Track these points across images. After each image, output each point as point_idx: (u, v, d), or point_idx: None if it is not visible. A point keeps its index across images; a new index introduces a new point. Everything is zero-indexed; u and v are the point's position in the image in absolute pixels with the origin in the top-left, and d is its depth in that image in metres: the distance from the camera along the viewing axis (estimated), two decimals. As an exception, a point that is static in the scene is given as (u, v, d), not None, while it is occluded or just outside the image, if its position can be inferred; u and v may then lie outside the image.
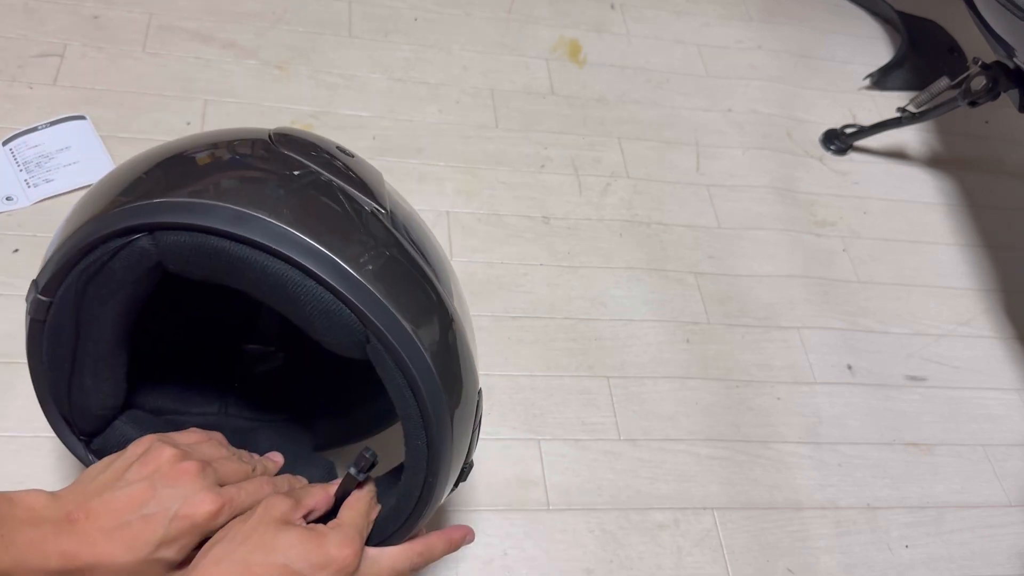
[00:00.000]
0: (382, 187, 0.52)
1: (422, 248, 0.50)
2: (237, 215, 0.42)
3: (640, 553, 0.76)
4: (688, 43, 1.24)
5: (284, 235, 0.42)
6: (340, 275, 0.42)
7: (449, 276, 0.53)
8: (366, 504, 0.48)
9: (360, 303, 0.42)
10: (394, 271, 0.45)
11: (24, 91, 0.91)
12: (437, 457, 0.46)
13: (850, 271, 1.04)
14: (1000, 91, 0.93)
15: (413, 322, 0.44)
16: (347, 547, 0.44)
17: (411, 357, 0.44)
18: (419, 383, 0.44)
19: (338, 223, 0.45)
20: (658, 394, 0.86)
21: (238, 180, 0.45)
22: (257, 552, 0.42)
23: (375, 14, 1.12)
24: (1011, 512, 0.87)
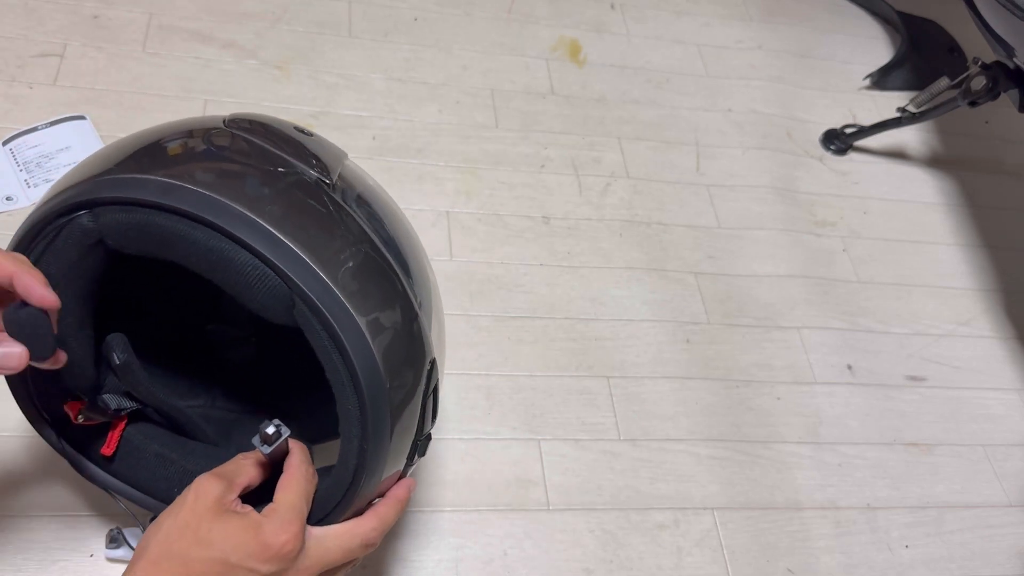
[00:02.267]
0: (336, 162, 0.51)
1: (376, 220, 0.50)
2: (165, 187, 0.43)
3: (640, 553, 0.76)
4: (688, 43, 1.24)
5: (209, 202, 0.42)
6: (263, 237, 0.42)
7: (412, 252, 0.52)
8: (301, 481, 0.45)
9: (282, 264, 0.42)
10: (329, 235, 0.45)
11: (24, 91, 0.91)
12: (372, 422, 0.44)
13: (850, 271, 1.04)
14: (1000, 91, 0.93)
15: (344, 286, 0.43)
16: (284, 532, 0.42)
17: (338, 319, 0.42)
18: (346, 345, 0.43)
19: (270, 189, 0.45)
20: (658, 394, 0.86)
21: (173, 156, 0.46)
22: (194, 548, 0.41)
23: (375, 14, 1.12)
24: (1011, 512, 0.87)
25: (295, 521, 0.43)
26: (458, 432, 0.79)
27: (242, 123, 0.50)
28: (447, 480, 0.76)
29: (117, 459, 0.53)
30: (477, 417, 0.80)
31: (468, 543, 0.73)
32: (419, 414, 0.49)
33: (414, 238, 0.55)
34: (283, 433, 0.45)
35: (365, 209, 0.50)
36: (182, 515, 0.42)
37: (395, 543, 0.72)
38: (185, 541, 0.41)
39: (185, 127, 0.50)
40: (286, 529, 0.42)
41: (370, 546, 0.48)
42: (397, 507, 0.49)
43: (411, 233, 0.55)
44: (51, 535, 0.65)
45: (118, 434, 0.53)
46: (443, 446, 0.78)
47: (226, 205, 0.42)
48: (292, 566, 0.43)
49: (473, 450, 0.78)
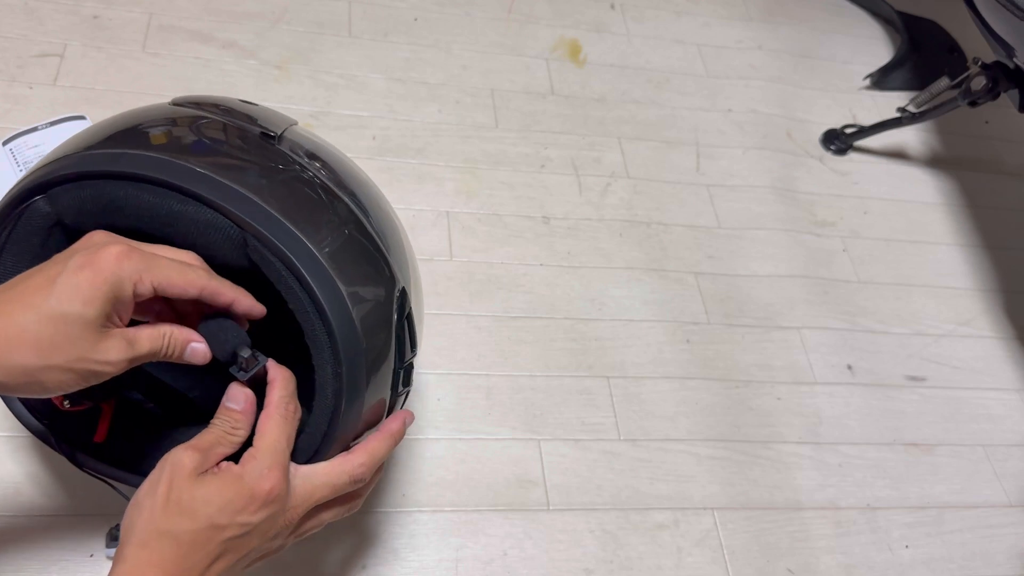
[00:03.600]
0: (282, 123, 0.53)
1: (328, 168, 0.51)
2: (111, 156, 0.44)
3: (640, 553, 0.76)
4: (688, 43, 1.24)
5: (153, 162, 0.44)
6: (208, 184, 0.43)
7: (374, 199, 0.54)
8: (279, 420, 0.44)
9: (230, 204, 0.43)
10: (275, 176, 0.46)
11: (24, 91, 0.91)
12: (342, 346, 0.44)
13: (850, 271, 1.04)
14: (1000, 91, 0.93)
15: (293, 217, 0.44)
16: (267, 479, 0.41)
17: (291, 247, 0.43)
18: (303, 271, 0.43)
19: (213, 144, 0.47)
20: (658, 394, 0.86)
21: (121, 131, 0.48)
22: (181, 521, 0.40)
23: (375, 14, 1.12)
24: (1011, 512, 0.87)
25: (276, 464, 0.42)
26: (458, 432, 0.79)
27: (187, 101, 0.52)
28: (447, 480, 0.76)
29: (110, 446, 0.53)
30: (477, 417, 0.80)
31: (468, 543, 0.73)
32: (394, 340, 0.49)
33: (374, 188, 0.57)
34: (260, 359, 0.44)
35: (315, 159, 0.51)
36: (160, 490, 0.41)
37: (395, 543, 0.72)
38: (169, 516, 0.40)
39: (134, 112, 0.51)
40: (268, 475, 0.41)
41: (359, 481, 0.46)
42: (388, 440, 0.48)
43: (371, 184, 0.57)
44: (51, 535, 0.65)
45: (108, 421, 0.53)
46: (443, 446, 0.78)
47: (169, 162, 0.44)
48: (281, 508, 0.42)
49: (473, 450, 0.78)
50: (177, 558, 0.40)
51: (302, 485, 0.44)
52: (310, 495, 0.44)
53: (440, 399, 0.81)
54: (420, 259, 0.90)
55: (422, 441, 0.78)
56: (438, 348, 0.84)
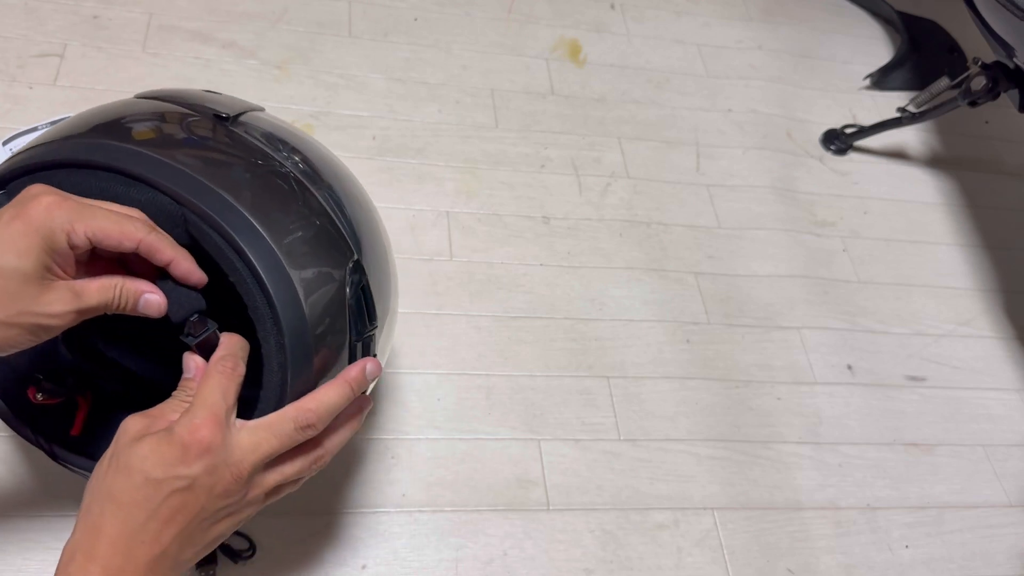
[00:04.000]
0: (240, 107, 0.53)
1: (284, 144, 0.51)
2: (55, 147, 0.45)
3: (640, 553, 0.76)
4: (688, 43, 1.24)
5: (93, 147, 0.44)
6: (147, 162, 0.44)
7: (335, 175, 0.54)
8: (215, 376, 0.43)
9: (167, 181, 0.43)
10: (219, 153, 0.47)
11: (24, 91, 0.91)
12: (285, 316, 0.44)
13: (850, 271, 1.04)
14: (1000, 91, 0.93)
15: (234, 191, 0.44)
16: (199, 429, 0.40)
17: (230, 220, 0.43)
18: (240, 243, 0.43)
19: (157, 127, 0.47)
20: (658, 394, 0.86)
21: (70, 124, 0.48)
22: (119, 480, 0.39)
23: (375, 14, 1.12)
24: (1011, 512, 0.87)
25: (208, 415, 0.41)
26: (458, 432, 0.79)
27: (149, 94, 0.53)
28: (447, 480, 0.76)
29: (87, 440, 0.53)
30: (477, 417, 0.80)
31: (468, 543, 0.73)
32: (348, 312, 0.48)
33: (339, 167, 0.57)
34: (209, 325, 0.44)
35: (272, 138, 0.51)
36: (106, 455, 0.41)
37: (395, 543, 0.72)
38: (109, 478, 0.40)
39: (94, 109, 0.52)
40: (199, 425, 0.40)
41: (307, 427, 0.44)
42: (342, 387, 0.46)
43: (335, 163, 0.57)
44: (51, 535, 0.65)
45: (84, 414, 0.53)
46: (443, 446, 0.78)
47: (108, 145, 0.44)
48: (222, 460, 0.41)
49: (473, 450, 0.78)
50: (118, 520, 0.39)
51: (247, 437, 0.42)
52: (256, 447, 0.42)
53: (440, 399, 0.81)
54: (420, 259, 0.90)
55: (422, 441, 0.78)
56: (438, 348, 0.84)
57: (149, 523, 0.40)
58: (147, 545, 0.40)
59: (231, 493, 0.42)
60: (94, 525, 0.39)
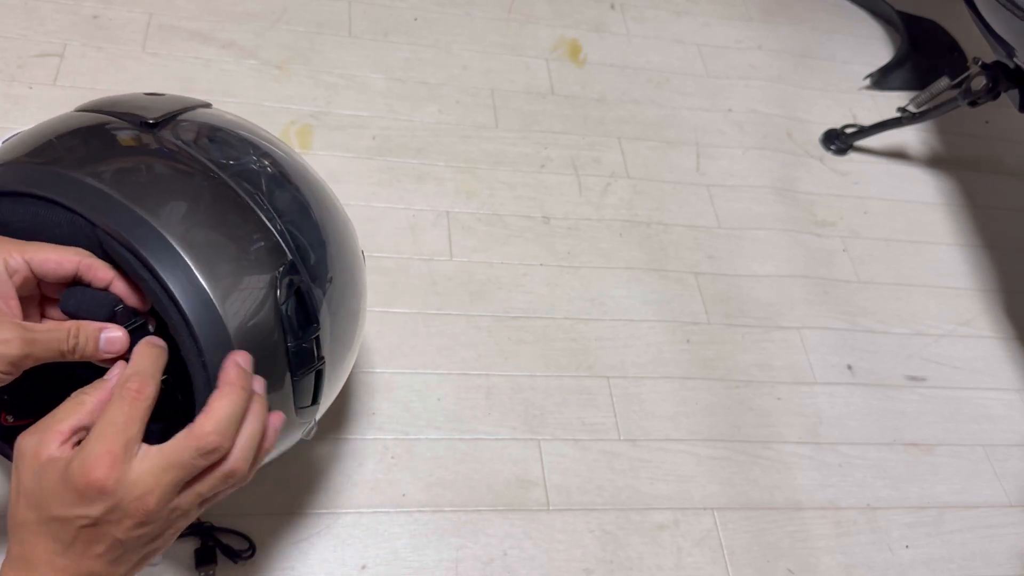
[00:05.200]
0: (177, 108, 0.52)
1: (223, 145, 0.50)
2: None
3: (640, 553, 0.76)
4: (688, 43, 1.24)
5: (10, 172, 0.44)
6: (60, 184, 0.43)
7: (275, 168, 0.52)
8: (116, 401, 0.39)
9: (76, 202, 0.42)
10: (137, 164, 0.46)
11: (24, 91, 0.91)
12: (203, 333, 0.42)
13: (850, 271, 1.04)
14: (1000, 91, 0.93)
15: (149, 205, 0.43)
16: (93, 470, 0.37)
17: (140, 238, 0.42)
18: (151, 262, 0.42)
19: (84, 144, 0.46)
20: (658, 394, 0.86)
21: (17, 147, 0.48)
22: (29, 513, 0.38)
23: (375, 14, 1.12)
24: (1011, 512, 0.87)
25: (103, 452, 0.38)
26: (458, 432, 0.79)
27: (89, 106, 0.52)
28: (447, 480, 0.76)
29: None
30: (477, 417, 0.80)
31: (468, 543, 0.73)
32: (280, 320, 0.46)
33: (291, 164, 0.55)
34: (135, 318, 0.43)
35: (209, 139, 0.50)
36: (12, 483, 0.39)
37: (395, 543, 0.72)
38: (22, 509, 0.38)
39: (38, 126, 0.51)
40: (94, 465, 0.37)
41: (212, 451, 0.40)
42: (229, 393, 0.41)
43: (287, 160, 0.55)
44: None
45: None
46: (443, 446, 0.78)
47: (25, 169, 0.44)
48: (123, 499, 0.38)
49: (473, 450, 0.78)
50: (40, 547, 0.39)
51: (149, 470, 0.39)
52: (158, 480, 0.39)
53: (440, 399, 0.81)
54: (420, 259, 0.90)
55: (422, 441, 0.78)
56: (438, 348, 0.84)
57: (67, 552, 0.39)
58: (74, 569, 0.39)
59: (145, 523, 0.40)
60: (20, 555, 0.39)
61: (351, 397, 0.79)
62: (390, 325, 0.84)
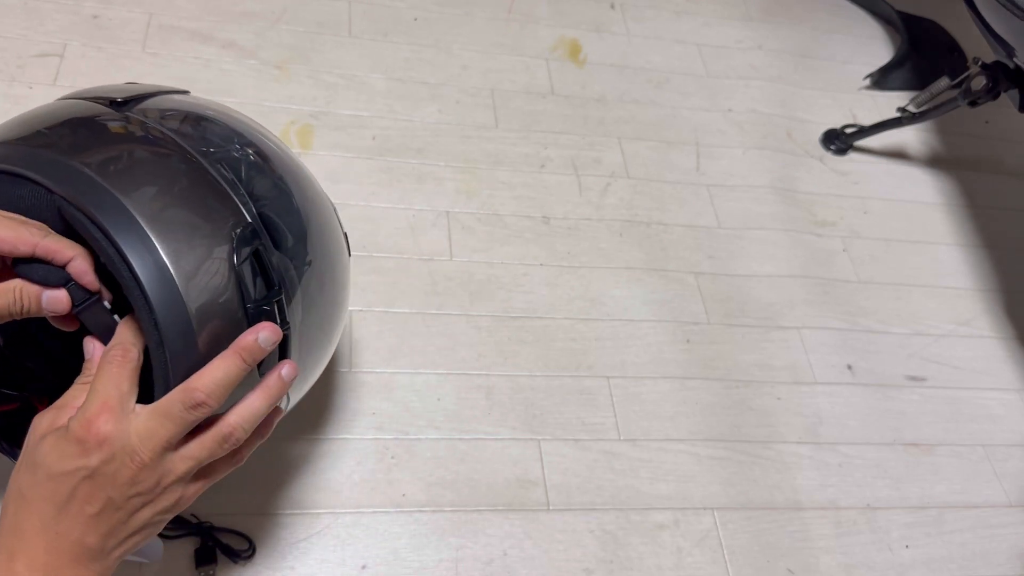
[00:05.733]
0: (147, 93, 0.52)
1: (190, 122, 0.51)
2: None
3: (640, 553, 0.76)
4: (688, 43, 1.24)
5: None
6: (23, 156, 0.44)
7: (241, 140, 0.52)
8: (106, 367, 0.42)
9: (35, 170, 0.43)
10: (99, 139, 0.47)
11: (24, 91, 0.91)
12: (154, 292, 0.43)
13: (850, 271, 1.04)
14: (1000, 91, 0.93)
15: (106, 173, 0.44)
16: (93, 421, 0.40)
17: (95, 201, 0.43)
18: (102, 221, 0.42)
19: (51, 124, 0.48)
20: (658, 394, 0.86)
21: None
22: (26, 478, 0.40)
23: (375, 14, 1.12)
24: (1011, 512, 0.87)
25: (101, 406, 0.40)
26: (458, 432, 0.79)
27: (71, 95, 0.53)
28: (447, 480, 0.76)
29: None
30: (477, 417, 0.80)
31: (468, 543, 0.73)
32: (234, 281, 0.46)
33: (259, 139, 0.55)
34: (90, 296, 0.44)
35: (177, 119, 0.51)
36: (20, 457, 0.42)
37: (395, 543, 0.72)
38: (20, 476, 0.41)
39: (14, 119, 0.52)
40: (92, 418, 0.40)
41: (198, 406, 0.42)
42: (231, 359, 0.43)
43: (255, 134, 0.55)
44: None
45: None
46: (443, 446, 0.78)
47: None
48: (120, 449, 0.40)
49: (473, 450, 0.78)
50: (31, 516, 0.40)
51: (143, 424, 0.41)
52: (152, 433, 0.41)
53: (440, 399, 0.81)
54: (420, 259, 0.90)
55: (422, 441, 0.78)
56: (438, 348, 0.84)
57: (61, 516, 0.40)
58: (65, 538, 0.40)
59: (138, 481, 0.41)
60: (12, 525, 0.40)
61: (351, 397, 0.79)
62: (390, 325, 0.84)
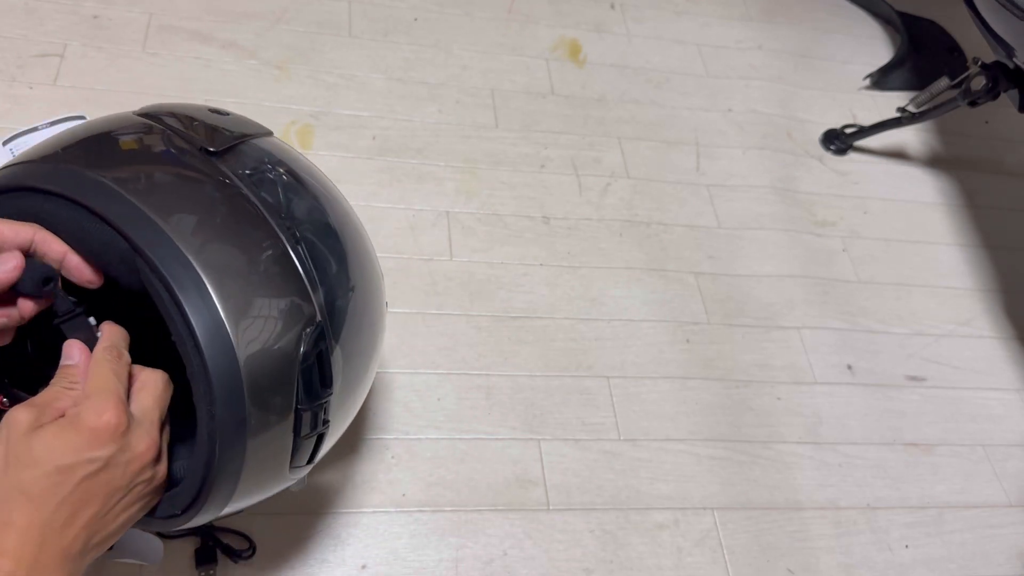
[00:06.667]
0: (241, 135, 0.50)
1: (279, 186, 0.49)
2: (41, 171, 0.44)
3: (640, 553, 0.76)
4: (688, 43, 1.24)
5: (72, 178, 0.43)
6: (114, 202, 0.42)
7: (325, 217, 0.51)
8: (102, 363, 0.43)
9: (126, 224, 0.42)
10: (192, 196, 0.45)
11: (24, 91, 0.91)
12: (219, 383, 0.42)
13: (850, 271, 1.04)
14: (1000, 91, 0.93)
15: (195, 244, 0.42)
16: (104, 412, 0.40)
17: (178, 277, 0.41)
18: (182, 299, 0.41)
19: (139, 159, 0.46)
20: (658, 394, 0.86)
21: (72, 143, 0.47)
22: (25, 472, 0.39)
23: (375, 14, 1.12)
24: (1011, 512, 0.87)
25: (111, 398, 0.41)
26: (458, 432, 0.79)
27: (151, 111, 0.51)
28: (447, 480, 0.76)
29: None
30: (477, 417, 0.80)
31: (468, 543, 0.73)
32: (298, 380, 0.46)
33: (339, 211, 0.54)
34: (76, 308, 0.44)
35: (264, 176, 0.49)
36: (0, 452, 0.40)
37: (395, 543, 0.72)
38: (12, 472, 0.39)
39: (92, 123, 0.50)
40: (104, 408, 0.40)
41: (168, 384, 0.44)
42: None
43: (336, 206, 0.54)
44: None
45: None
46: (443, 446, 0.78)
47: (84, 179, 0.43)
48: (127, 444, 0.41)
49: (473, 450, 0.78)
50: (30, 511, 0.39)
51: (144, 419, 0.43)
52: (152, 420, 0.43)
53: (440, 399, 0.81)
54: (420, 259, 0.90)
55: (422, 441, 0.78)
56: (438, 348, 0.84)
57: (61, 510, 0.39)
58: (58, 533, 0.39)
59: (146, 466, 0.42)
60: (4, 523, 0.39)
61: (351, 397, 0.79)
62: (390, 325, 0.84)
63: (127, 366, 0.44)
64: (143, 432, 0.42)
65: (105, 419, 0.40)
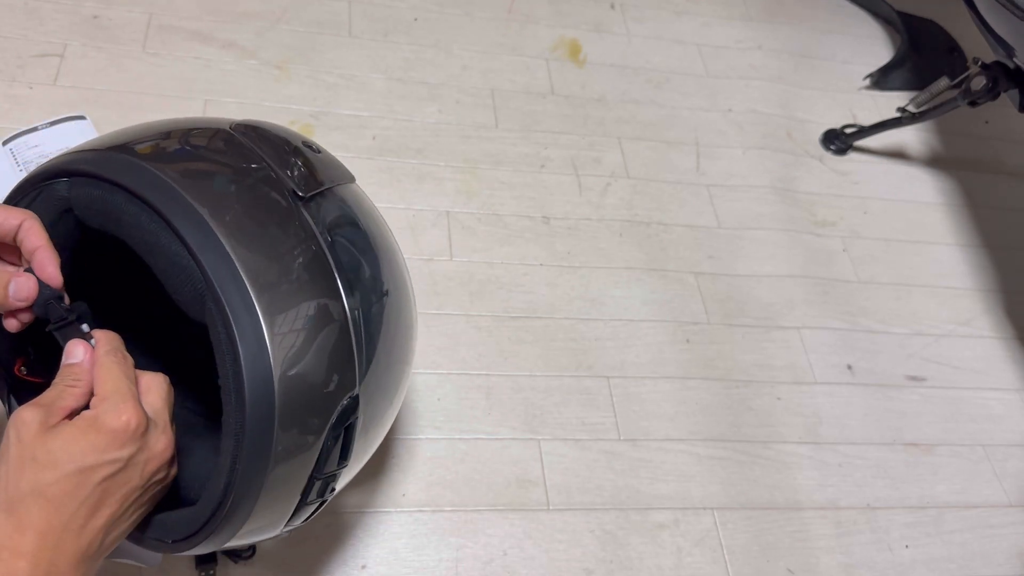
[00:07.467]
0: (329, 181, 0.50)
1: (351, 253, 0.48)
2: (128, 165, 0.44)
3: (640, 553, 0.76)
4: (688, 43, 1.24)
5: (163, 189, 0.42)
6: (200, 231, 0.42)
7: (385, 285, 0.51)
8: (112, 366, 0.43)
9: (206, 258, 0.41)
10: (272, 242, 0.44)
11: (24, 91, 0.91)
12: (249, 439, 0.42)
13: (850, 271, 1.04)
14: (1000, 91, 0.93)
15: (265, 295, 0.42)
16: (123, 412, 0.40)
17: (241, 326, 0.41)
18: (240, 353, 0.41)
19: (228, 186, 0.45)
20: (658, 394, 0.86)
21: (161, 138, 0.47)
22: (43, 474, 0.38)
23: (375, 14, 1.12)
24: (1011, 512, 0.87)
25: (128, 399, 0.41)
26: (458, 432, 0.79)
27: (248, 127, 0.50)
28: (447, 480, 0.76)
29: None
30: (477, 417, 0.80)
31: (468, 543, 0.73)
32: (320, 448, 0.46)
33: (400, 286, 0.54)
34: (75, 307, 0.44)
35: (338, 230, 0.48)
36: (11, 453, 0.39)
37: (395, 543, 0.72)
38: (29, 474, 0.39)
39: (189, 124, 0.50)
40: (123, 409, 0.41)
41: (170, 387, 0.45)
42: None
43: (400, 283, 0.54)
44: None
45: None
46: (443, 446, 0.78)
47: (177, 195, 0.42)
48: (145, 444, 0.41)
49: (473, 450, 0.78)
50: (49, 513, 0.39)
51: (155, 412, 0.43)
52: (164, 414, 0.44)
53: (440, 399, 0.81)
54: (420, 259, 0.90)
55: (422, 441, 0.78)
56: (438, 348, 0.84)
57: (79, 511, 0.39)
58: (76, 534, 0.39)
59: (163, 465, 0.43)
60: (18, 523, 0.39)
61: (351, 397, 0.79)
62: (390, 325, 0.84)
63: (131, 367, 0.44)
64: (159, 432, 0.43)
65: (125, 419, 0.40)
